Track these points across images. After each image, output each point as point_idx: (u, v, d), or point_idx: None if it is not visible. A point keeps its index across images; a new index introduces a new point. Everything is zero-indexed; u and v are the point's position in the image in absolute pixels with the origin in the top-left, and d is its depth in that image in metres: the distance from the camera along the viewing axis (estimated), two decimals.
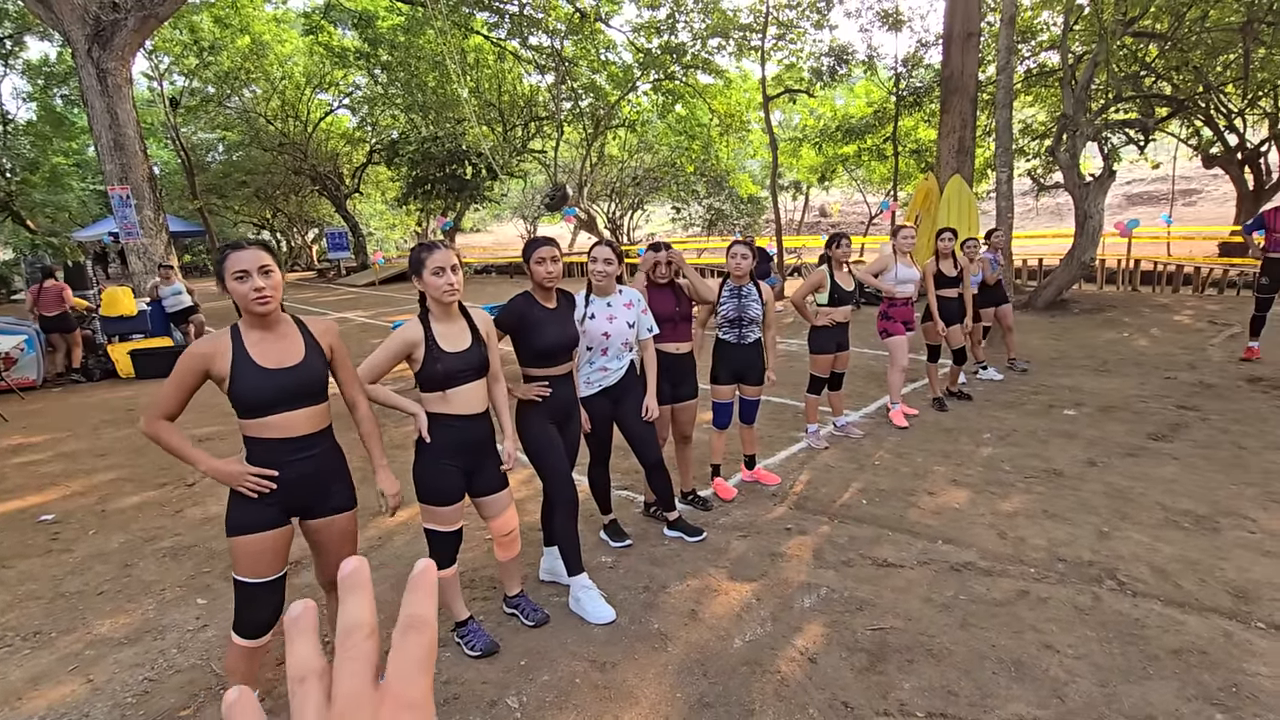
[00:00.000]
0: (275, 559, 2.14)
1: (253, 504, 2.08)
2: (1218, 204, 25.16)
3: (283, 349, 2.12)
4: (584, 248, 27.09)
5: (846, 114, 20.35)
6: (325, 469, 2.21)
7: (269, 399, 2.07)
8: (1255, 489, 3.86)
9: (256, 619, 2.16)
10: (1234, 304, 10.25)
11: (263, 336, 2.10)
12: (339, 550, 2.31)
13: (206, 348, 2.06)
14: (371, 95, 22.05)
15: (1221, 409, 5.30)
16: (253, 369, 2.05)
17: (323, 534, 2.28)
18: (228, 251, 2.04)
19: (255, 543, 2.10)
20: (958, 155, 11.20)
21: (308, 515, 2.24)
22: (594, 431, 3.29)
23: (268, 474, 2.09)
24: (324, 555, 2.32)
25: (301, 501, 2.19)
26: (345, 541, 2.33)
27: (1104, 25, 9.99)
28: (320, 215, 29.86)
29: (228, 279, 2.02)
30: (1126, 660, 2.48)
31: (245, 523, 2.09)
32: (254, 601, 2.14)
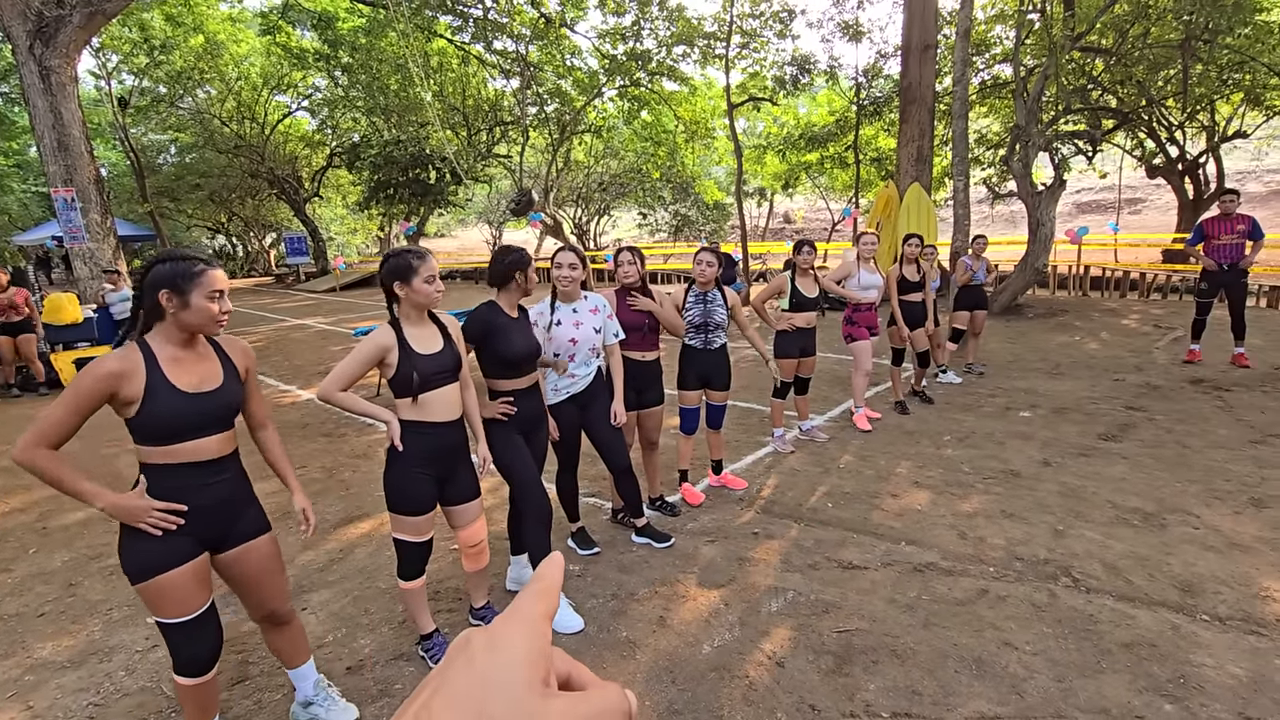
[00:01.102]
0: (199, 590, 1.96)
1: (160, 540, 1.89)
2: (1161, 212, 26.26)
3: (202, 370, 1.95)
4: (549, 252, 27.02)
5: (809, 122, 20.71)
6: (237, 494, 2.06)
7: (185, 425, 1.89)
8: (1198, 486, 4.02)
9: (196, 655, 2.00)
10: (1177, 308, 10.69)
11: (180, 356, 1.92)
12: (266, 579, 2.13)
13: (116, 366, 1.81)
14: (332, 98, 21.63)
15: (1167, 409, 5.52)
16: (170, 392, 1.85)
17: (242, 564, 2.08)
18: (203, 267, 1.90)
19: (172, 581, 1.90)
20: (917, 164, 11.49)
21: (220, 547, 2.04)
22: (562, 439, 3.27)
23: (175, 508, 1.89)
24: (250, 588, 2.13)
25: (213, 531, 2.00)
26: (269, 568, 2.14)
27: (1053, 40, 10.36)
28: (278, 219, 29.17)
29: (196, 294, 1.87)
30: (1081, 655, 2.55)
31: (154, 563, 1.88)
32: (189, 639, 1.97)
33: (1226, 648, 2.55)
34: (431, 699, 0.31)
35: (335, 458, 5.20)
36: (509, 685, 0.31)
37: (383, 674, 2.62)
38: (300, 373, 8.48)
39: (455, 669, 0.32)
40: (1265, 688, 2.33)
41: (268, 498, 4.48)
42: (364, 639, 2.86)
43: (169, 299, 1.87)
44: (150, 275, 1.88)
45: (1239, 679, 2.38)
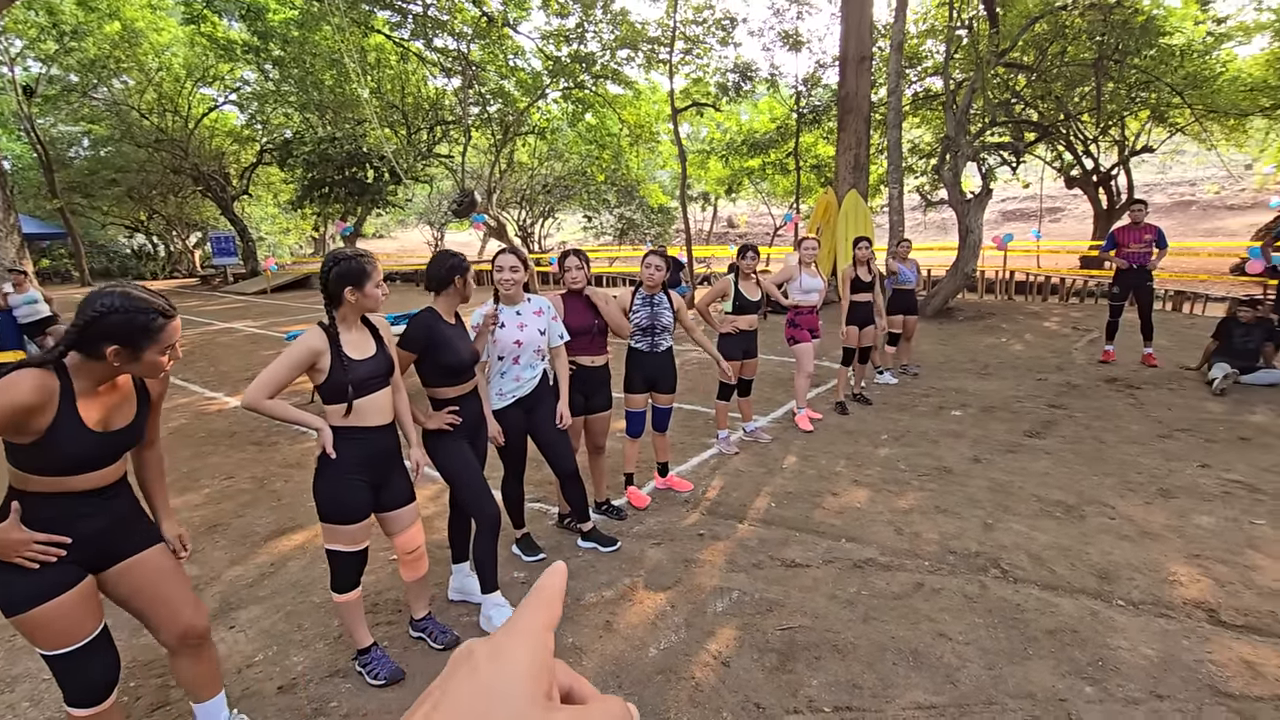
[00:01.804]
0: (86, 617, 1.79)
1: (36, 570, 1.72)
2: (1078, 221, 27.85)
3: (115, 407, 1.80)
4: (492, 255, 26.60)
5: (751, 129, 21.08)
6: (125, 515, 1.92)
7: (85, 462, 1.74)
8: (1114, 479, 4.27)
9: (89, 684, 1.83)
10: (1093, 311, 11.36)
11: (97, 391, 1.75)
12: (163, 592, 1.96)
13: (29, 398, 1.60)
14: (262, 92, 20.73)
15: (1085, 407, 5.84)
16: (78, 431, 1.69)
17: (131, 579, 1.90)
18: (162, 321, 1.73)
19: (53, 613, 1.72)
20: (854, 171, 11.85)
21: (103, 566, 1.86)
22: (509, 444, 3.22)
23: (58, 540, 1.73)
24: (147, 604, 1.95)
25: (97, 554, 1.84)
26: (164, 579, 1.96)
27: (980, 55, 10.87)
28: (204, 218, 27.76)
29: (151, 351, 1.72)
30: (1010, 643, 2.66)
31: (33, 593, 1.70)
32: (79, 669, 1.80)
33: (1139, 630, 2.71)
34: (433, 712, 0.31)
35: (266, 467, 4.97)
36: (513, 698, 0.31)
37: (317, 691, 2.51)
38: (227, 379, 8.08)
39: (457, 680, 0.32)
40: (1174, 667, 2.48)
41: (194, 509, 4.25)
42: (297, 656, 2.74)
43: (117, 355, 1.69)
44: (100, 324, 1.66)
45: (1150, 659, 2.53)
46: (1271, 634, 2.66)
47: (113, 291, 1.71)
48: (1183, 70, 12.78)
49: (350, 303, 2.32)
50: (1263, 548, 3.34)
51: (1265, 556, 3.25)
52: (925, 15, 15.73)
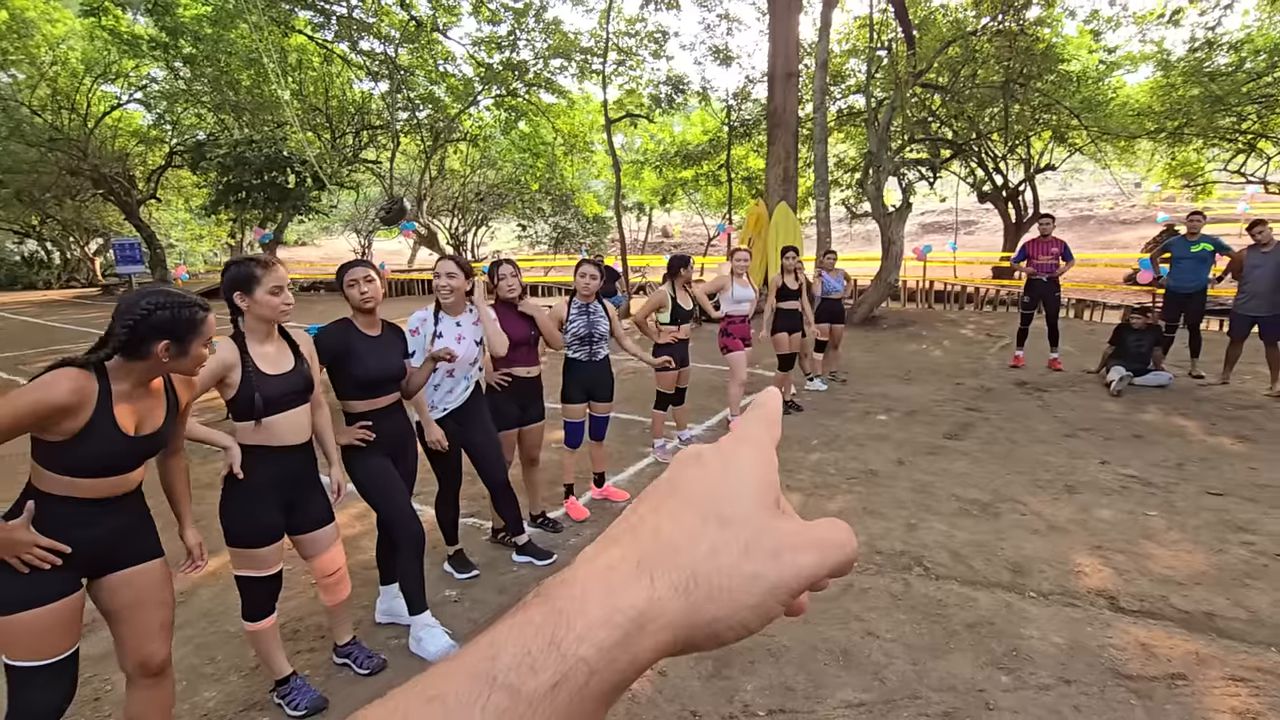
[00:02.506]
0: (65, 633, 1.72)
1: (28, 574, 1.66)
2: (991, 233, 29.52)
3: (148, 411, 1.81)
4: (425, 264, 26.00)
5: (684, 140, 21.43)
6: (133, 523, 1.88)
7: (109, 465, 1.74)
8: (1025, 477, 4.52)
9: (39, 709, 1.72)
10: (1005, 319, 12.06)
11: (132, 394, 1.77)
12: (149, 614, 1.89)
13: (67, 397, 1.62)
14: (172, 90, 19.55)
15: (998, 409, 6.18)
16: (112, 433, 1.70)
17: (125, 593, 1.85)
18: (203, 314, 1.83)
19: (37, 620, 1.67)
20: (783, 183, 12.20)
21: (100, 571, 1.83)
22: (443, 458, 3.13)
23: (59, 548, 1.67)
24: (128, 621, 1.87)
25: (96, 560, 1.80)
26: (154, 599, 1.91)
27: (899, 76, 11.42)
28: (106, 223, 25.93)
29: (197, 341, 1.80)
30: (932, 638, 2.77)
31: (20, 596, 1.66)
32: (36, 688, 1.70)
33: (1049, 620, 2.87)
34: (665, 501, 0.32)
35: None
36: (743, 498, 0.31)
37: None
38: None
39: (688, 477, 0.33)
40: (1079, 653, 2.64)
41: None
42: (209, 691, 2.57)
43: (167, 350, 1.75)
44: (149, 322, 1.73)
45: (1059, 647, 2.68)
46: (1164, 617, 2.87)
47: (154, 291, 1.80)
48: (1079, 95, 13.81)
49: (243, 309, 2.21)
50: (1155, 537, 3.61)
51: (1158, 545, 3.51)
52: (848, 35, 16.42)
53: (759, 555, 0.30)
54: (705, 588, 0.29)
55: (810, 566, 0.31)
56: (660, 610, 0.28)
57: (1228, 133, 14.55)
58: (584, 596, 0.28)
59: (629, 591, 0.28)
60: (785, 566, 0.30)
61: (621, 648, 0.27)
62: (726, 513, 0.31)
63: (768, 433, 0.36)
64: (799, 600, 0.31)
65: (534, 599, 0.29)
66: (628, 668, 0.28)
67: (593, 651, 0.27)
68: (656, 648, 0.28)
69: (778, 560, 0.30)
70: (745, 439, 0.35)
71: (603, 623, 0.27)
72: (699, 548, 0.30)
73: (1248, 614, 2.88)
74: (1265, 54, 12.69)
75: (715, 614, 0.29)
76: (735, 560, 0.29)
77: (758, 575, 0.30)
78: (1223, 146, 15.70)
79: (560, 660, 0.26)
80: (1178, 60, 13.86)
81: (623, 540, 0.31)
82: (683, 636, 0.29)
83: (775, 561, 0.30)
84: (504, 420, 3.50)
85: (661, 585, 0.29)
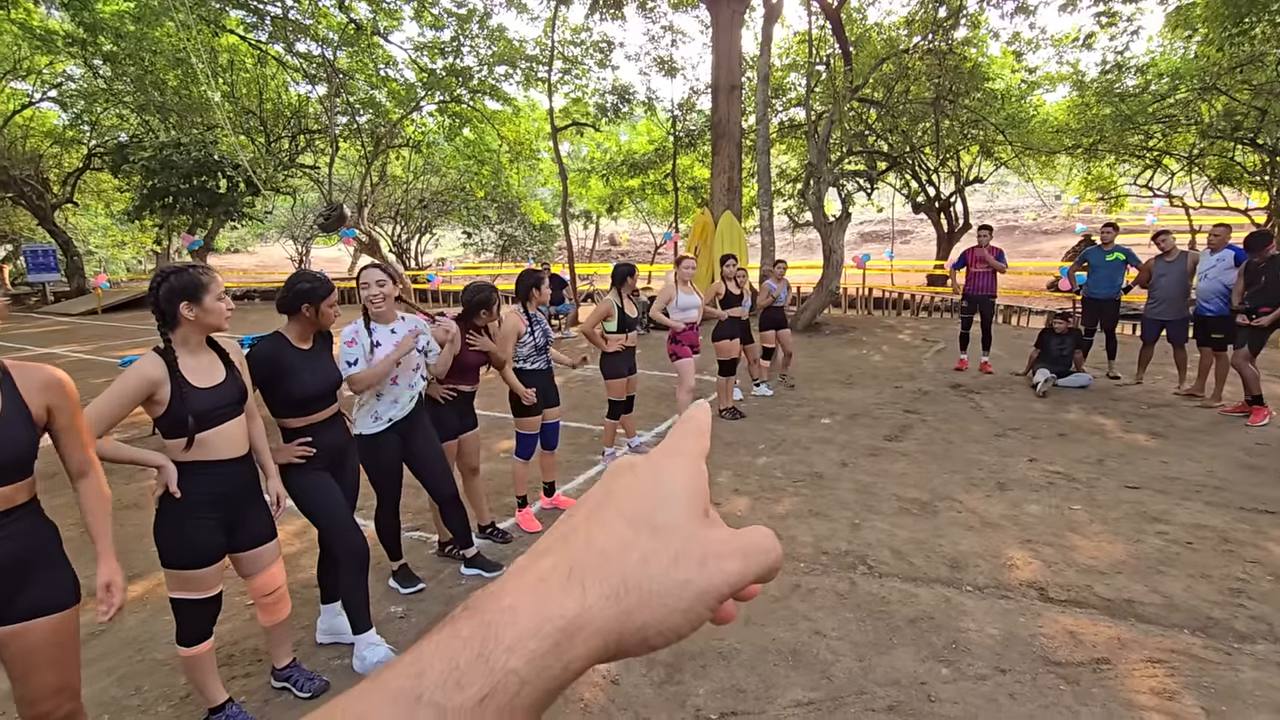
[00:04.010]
0: None
1: None
2: (925, 242, 30.75)
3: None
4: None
5: (630, 149, 21.58)
6: (25, 553, 1.68)
7: None
8: (960, 476, 4.72)
9: None
10: (939, 324, 12.55)
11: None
12: (42, 673, 1.70)
13: None
14: (90, 90, 18.51)
15: (935, 411, 6.43)
16: None
17: (14, 647, 1.66)
18: None
19: None
20: (728, 193, 12.42)
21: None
22: (386, 470, 3.06)
23: None
24: (28, 675, 1.69)
25: None
26: (50, 658, 1.71)
27: (837, 90, 11.81)
28: (16, 228, 24.28)
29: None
30: (876, 634, 2.86)
31: None
32: None
33: (985, 612, 3.00)
34: (598, 509, 0.33)
35: None
36: (674, 508, 0.32)
37: None
38: None
39: (620, 486, 0.34)
40: (1013, 643, 2.77)
41: None
42: None
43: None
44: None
45: (995, 638, 2.80)
46: (1089, 605, 3.04)
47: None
48: (1004, 112, 14.58)
49: (189, 320, 2.09)
50: (1080, 530, 3.81)
51: (1082, 537, 3.72)
52: (788, 50, 16.89)
53: (688, 563, 0.31)
54: (636, 594, 0.30)
55: (736, 573, 0.32)
56: (591, 617, 0.29)
57: (1136, 149, 15.60)
58: (514, 608, 0.28)
59: (560, 601, 0.29)
60: (713, 573, 0.31)
61: (553, 655, 0.28)
62: (657, 522, 0.32)
63: (697, 445, 0.37)
64: (726, 607, 0.32)
65: (462, 612, 0.29)
66: (560, 674, 0.28)
67: (523, 662, 0.27)
68: (589, 654, 0.29)
69: (705, 567, 0.31)
70: (676, 451, 0.36)
71: (533, 633, 0.28)
72: (630, 555, 0.30)
73: (1163, 599, 3.07)
74: (1168, 77, 13.68)
75: (645, 620, 0.30)
76: (665, 568, 0.30)
77: (687, 582, 0.30)
78: (1132, 162, 16.83)
79: (488, 673, 0.27)
80: (1091, 81, 14.79)
81: (554, 550, 0.31)
82: (613, 642, 0.29)
83: (702, 568, 0.31)
84: (445, 430, 3.45)
85: (593, 593, 0.29)
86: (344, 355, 2.85)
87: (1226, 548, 3.55)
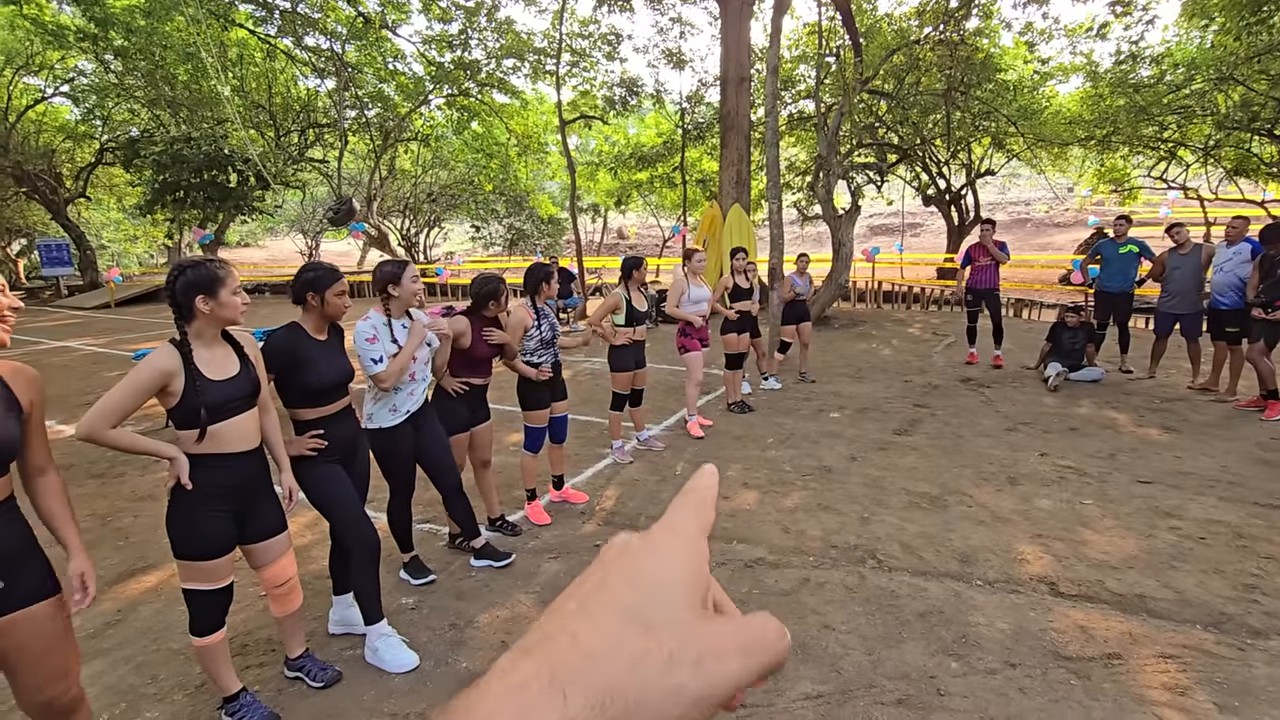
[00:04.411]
0: None
1: None
2: (935, 235, 30.52)
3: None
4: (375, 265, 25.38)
5: (639, 142, 21.50)
6: (10, 547, 1.70)
7: None
8: (970, 470, 4.69)
9: None
10: (949, 318, 12.48)
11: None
12: (41, 660, 1.74)
13: None
14: (102, 84, 18.62)
15: (945, 405, 6.40)
16: None
17: (9, 637, 1.69)
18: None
19: None
20: (736, 186, 12.37)
21: None
22: (402, 462, 3.09)
23: None
24: (19, 667, 1.73)
25: None
26: (45, 647, 1.75)
27: (847, 82, 11.71)
28: (30, 223, 24.51)
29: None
30: (886, 628, 2.85)
31: None
32: None
33: (995, 607, 2.99)
34: (588, 601, 0.31)
35: (111, 502, 4.45)
36: (670, 600, 0.30)
37: None
38: (63, 404, 7.16)
39: (614, 573, 0.31)
40: (1023, 637, 2.76)
41: None
42: (151, 712, 2.46)
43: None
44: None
45: (1004, 632, 2.80)
46: (1100, 600, 3.02)
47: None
48: (1016, 103, 14.40)
49: (205, 314, 2.11)
50: (1091, 524, 3.79)
51: (1093, 532, 3.69)
52: (798, 42, 16.74)
53: (683, 665, 0.28)
54: (622, 703, 0.27)
55: (735, 674, 0.29)
56: None
57: (1151, 141, 15.39)
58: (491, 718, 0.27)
59: (540, 713, 0.26)
60: (710, 675, 0.29)
61: None
62: (652, 617, 0.29)
63: (698, 522, 0.35)
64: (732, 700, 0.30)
65: None
66: None
67: None
68: None
69: (700, 669, 0.28)
70: (675, 530, 0.34)
71: None
72: (618, 659, 0.28)
73: (1175, 594, 3.05)
74: (1183, 67, 13.48)
75: None
76: (657, 673, 0.28)
77: (680, 688, 0.28)
78: (1146, 154, 16.60)
79: None
80: (1105, 72, 14.59)
81: (536, 651, 0.29)
82: None
83: (698, 671, 0.28)
84: (455, 423, 3.46)
85: (575, 703, 0.27)
86: (366, 353, 2.88)
87: (1240, 543, 3.52)
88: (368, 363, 2.86)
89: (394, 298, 3.00)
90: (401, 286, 3.00)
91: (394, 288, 3.00)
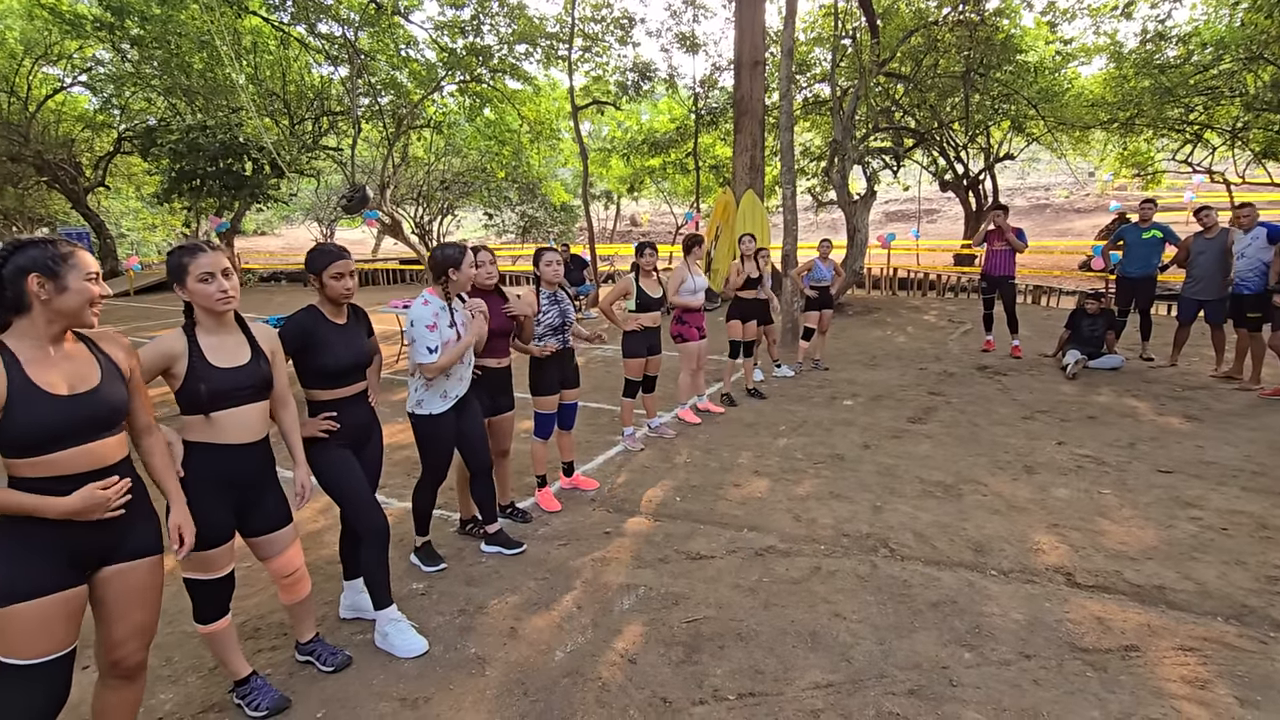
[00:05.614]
0: (64, 629, 1.69)
1: (26, 558, 1.63)
2: (952, 221, 30.09)
3: (73, 372, 1.72)
4: (388, 253, 25.48)
5: (651, 128, 21.31)
6: (128, 506, 1.82)
7: (52, 434, 1.65)
8: (985, 459, 4.63)
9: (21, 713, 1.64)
10: (966, 305, 12.31)
11: (44, 356, 1.68)
12: (134, 612, 1.86)
13: None
14: (119, 73, 18.73)
15: (960, 393, 6.31)
16: (37, 397, 1.63)
17: (116, 586, 1.82)
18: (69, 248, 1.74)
19: (33, 612, 1.63)
20: (750, 172, 12.23)
21: (99, 565, 1.80)
22: (443, 445, 3.12)
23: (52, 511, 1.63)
24: (113, 620, 1.84)
25: (92, 550, 1.76)
26: (143, 599, 1.88)
27: (863, 64, 11.51)
28: (51, 212, 24.83)
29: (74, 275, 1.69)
30: (898, 617, 2.82)
31: (16, 587, 1.62)
32: (26, 688, 1.64)
33: (1009, 597, 2.94)
34: None
35: None
36: None
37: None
38: None
39: None
40: (1039, 628, 2.72)
41: None
42: (165, 693, 2.49)
43: (40, 284, 1.65)
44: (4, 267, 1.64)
45: (1019, 623, 2.75)
46: (1117, 591, 2.97)
47: None
48: (1037, 85, 14.08)
49: (189, 298, 2.12)
50: (1109, 514, 3.72)
51: (1111, 522, 3.63)
52: (813, 24, 16.46)
53: None
54: None
55: None
56: None
57: (1176, 123, 14.99)
58: None
59: None
60: None
61: None
62: None
63: None
64: None
65: None
66: None
67: None
68: None
69: None
70: None
71: None
72: None
73: (1195, 585, 2.99)
74: (1211, 47, 13.08)
75: None
76: None
77: None
78: (1171, 137, 16.18)
79: None
80: (1129, 52, 14.21)
81: None
82: None
83: None
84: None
85: None
86: (424, 340, 2.89)
87: (1264, 534, 3.44)
88: (422, 351, 2.87)
89: (453, 281, 2.99)
90: (461, 271, 2.99)
91: (454, 272, 2.98)
